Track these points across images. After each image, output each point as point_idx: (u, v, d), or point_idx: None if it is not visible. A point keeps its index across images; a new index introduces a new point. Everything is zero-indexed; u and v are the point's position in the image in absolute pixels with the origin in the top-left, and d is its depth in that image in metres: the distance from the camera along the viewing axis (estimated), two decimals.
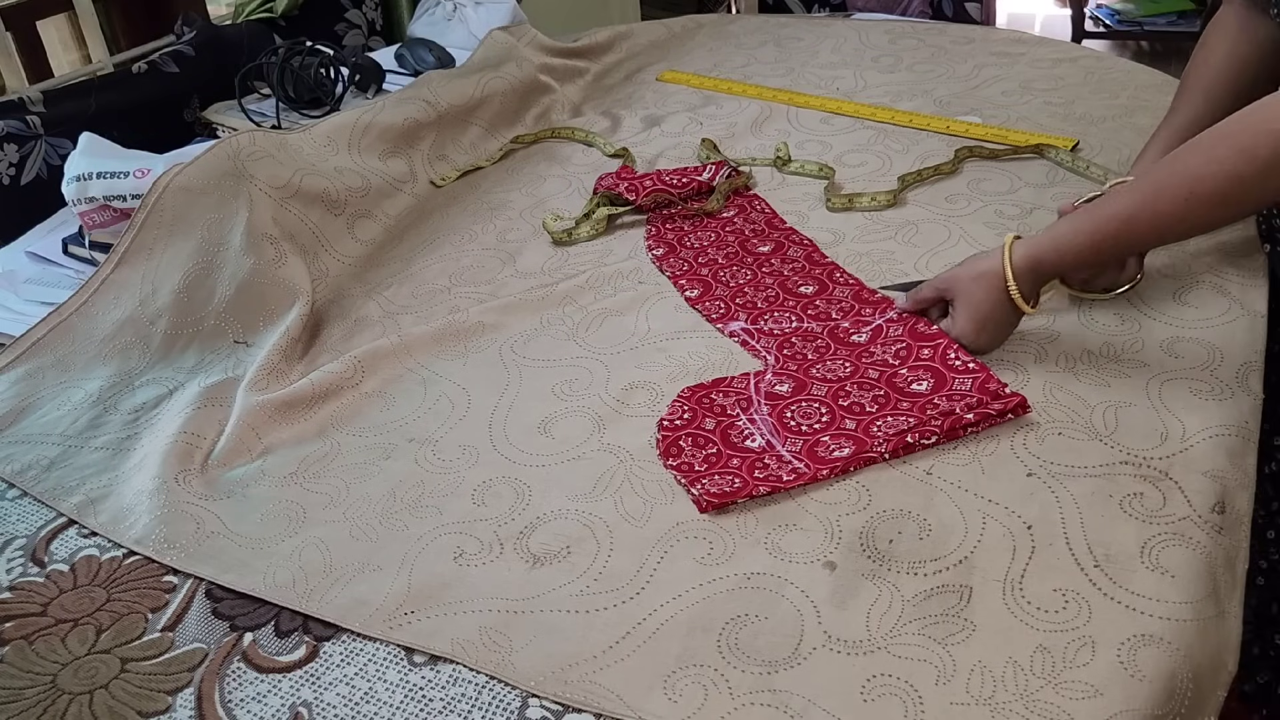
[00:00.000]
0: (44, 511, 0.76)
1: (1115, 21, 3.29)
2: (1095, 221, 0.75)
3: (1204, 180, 0.69)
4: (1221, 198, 0.70)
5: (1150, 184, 0.73)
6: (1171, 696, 0.56)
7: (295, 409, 0.83)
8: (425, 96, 1.27)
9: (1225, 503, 0.67)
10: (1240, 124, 0.69)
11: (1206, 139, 0.71)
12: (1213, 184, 0.69)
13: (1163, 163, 0.73)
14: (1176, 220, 0.72)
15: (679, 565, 0.66)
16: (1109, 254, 0.79)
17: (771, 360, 0.84)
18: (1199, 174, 0.69)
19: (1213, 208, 0.70)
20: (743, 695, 0.57)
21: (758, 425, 0.76)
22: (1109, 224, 0.74)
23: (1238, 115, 0.70)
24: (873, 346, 0.83)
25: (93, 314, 0.95)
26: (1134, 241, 0.77)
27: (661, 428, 0.77)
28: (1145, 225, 0.73)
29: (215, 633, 0.65)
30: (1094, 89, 1.31)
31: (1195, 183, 0.70)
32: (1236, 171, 0.68)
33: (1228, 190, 0.69)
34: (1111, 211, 0.74)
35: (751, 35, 1.65)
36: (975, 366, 0.77)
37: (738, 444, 0.75)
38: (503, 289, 0.99)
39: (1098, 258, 0.78)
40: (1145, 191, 0.73)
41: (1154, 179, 0.73)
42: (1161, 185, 0.72)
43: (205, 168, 1.00)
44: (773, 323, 0.89)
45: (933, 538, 0.66)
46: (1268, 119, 0.67)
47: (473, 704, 0.58)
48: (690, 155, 1.25)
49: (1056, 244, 0.77)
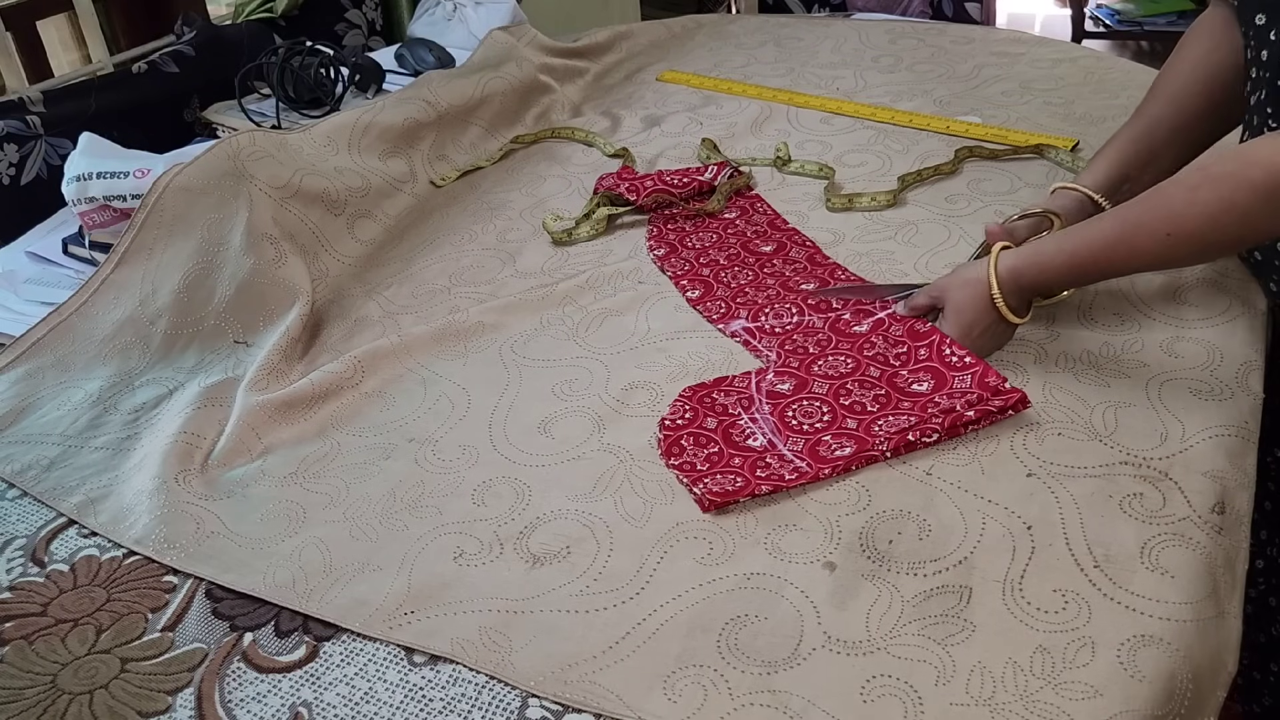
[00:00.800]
0: (44, 511, 0.76)
1: (1115, 21, 3.29)
2: (1076, 245, 0.75)
3: (1184, 221, 0.70)
4: (1200, 240, 0.70)
5: (1133, 216, 0.72)
6: (1171, 697, 0.56)
7: (295, 409, 0.83)
8: (425, 96, 1.27)
9: (1225, 503, 0.67)
10: (1222, 168, 0.69)
11: (1191, 177, 0.70)
12: (1193, 225, 0.69)
13: (1147, 195, 0.73)
14: (1154, 257, 0.73)
15: (679, 565, 0.66)
16: (1088, 278, 0.80)
17: (773, 357, 0.84)
18: (1180, 214, 0.70)
19: (1191, 248, 0.71)
20: (742, 695, 0.57)
21: (759, 424, 0.76)
22: (1088, 249, 0.75)
23: (1223, 155, 0.69)
24: (874, 337, 0.83)
25: (93, 314, 0.95)
26: (1112, 269, 0.77)
27: (663, 427, 0.77)
28: (1123, 256, 0.74)
29: (215, 633, 0.65)
30: (1094, 89, 1.31)
31: (1175, 222, 0.70)
32: (1215, 217, 0.68)
33: (1207, 233, 0.69)
34: (1092, 237, 0.75)
35: (751, 35, 1.65)
36: (972, 361, 0.77)
37: (739, 443, 0.75)
38: (503, 289, 0.99)
39: (1077, 279, 0.79)
40: (1127, 223, 0.73)
41: (1136, 211, 0.72)
42: (1142, 220, 0.72)
43: (205, 168, 1.00)
44: (774, 318, 0.89)
45: (932, 538, 0.66)
46: (1248, 165, 0.67)
47: (473, 704, 0.58)
48: (690, 155, 1.25)
49: (1039, 260, 0.77)
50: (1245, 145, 0.70)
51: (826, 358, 0.82)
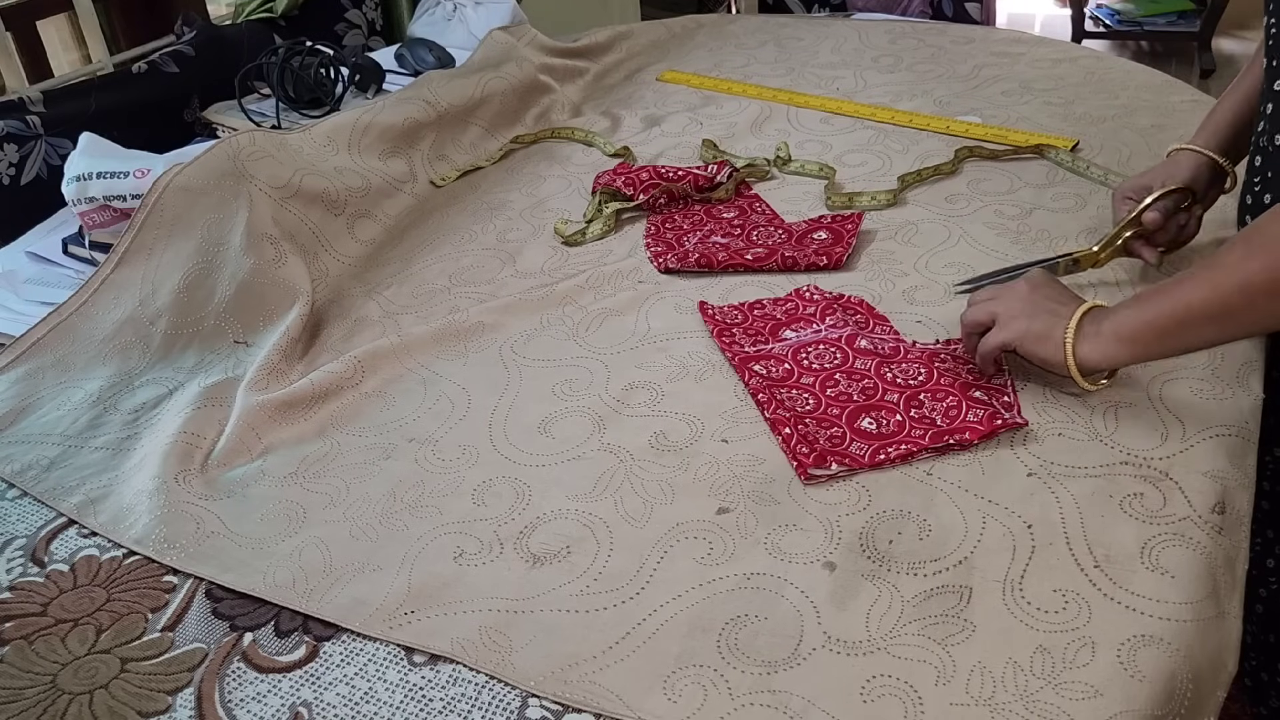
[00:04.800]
0: (44, 511, 0.76)
1: (1115, 21, 3.29)
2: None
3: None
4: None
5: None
6: (1171, 697, 0.56)
7: (295, 409, 0.83)
8: (425, 96, 1.27)
9: (1225, 503, 0.67)
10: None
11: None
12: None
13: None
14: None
15: (679, 565, 0.66)
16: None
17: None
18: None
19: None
20: (742, 695, 0.57)
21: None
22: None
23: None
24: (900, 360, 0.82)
25: (93, 314, 0.95)
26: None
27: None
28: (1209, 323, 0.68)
29: (215, 633, 0.65)
30: (1094, 89, 1.31)
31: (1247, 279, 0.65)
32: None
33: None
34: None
35: (751, 35, 1.65)
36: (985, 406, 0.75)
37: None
38: (503, 289, 0.99)
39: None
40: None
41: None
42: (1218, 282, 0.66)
43: (205, 168, 1.00)
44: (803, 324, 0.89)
45: (933, 538, 0.66)
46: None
47: (473, 704, 0.58)
48: (691, 155, 1.25)
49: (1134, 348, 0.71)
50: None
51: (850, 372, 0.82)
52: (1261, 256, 0.64)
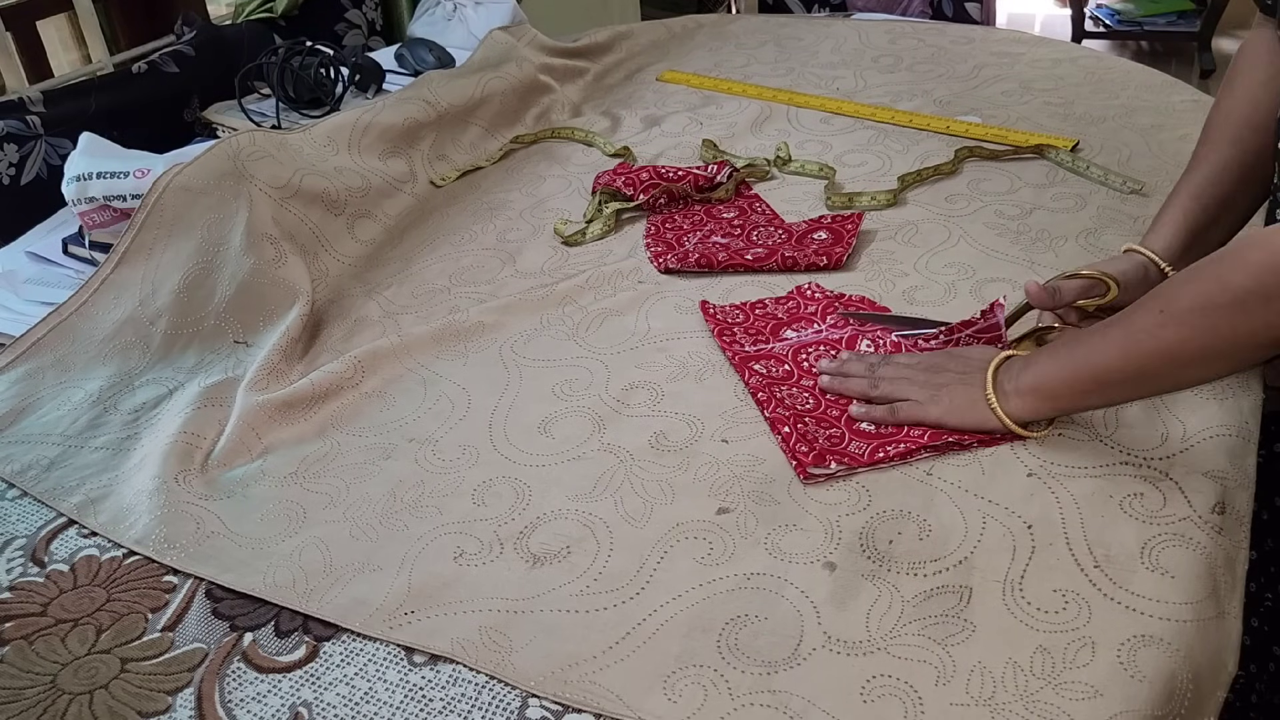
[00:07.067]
0: (44, 511, 0.76)
1: (1115, 21, 3.29)
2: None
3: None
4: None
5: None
6: (1171, 697, 0.56)
7: (295, 409, 0.83)
8: (425, 96, 1.27)
9: (1225, 503, 0.67)
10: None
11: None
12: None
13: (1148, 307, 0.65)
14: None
15: (679, 565, 0.66)
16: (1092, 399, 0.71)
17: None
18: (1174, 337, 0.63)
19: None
20: (742, 695, 0.57)
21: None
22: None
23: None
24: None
25: (93, 314, 0.95)
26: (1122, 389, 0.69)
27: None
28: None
29: (215, 633, 0.65)
30: (1094, 89, 1.31)
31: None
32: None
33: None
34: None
35: (751, 35, 1.65)
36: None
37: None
38: (503, 289, 0.99)
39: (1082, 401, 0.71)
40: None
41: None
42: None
43: (205, 168, 1.00)
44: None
45: (933, 538, 0.66)
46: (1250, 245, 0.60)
47: (473, 704, 0.58)
48: (691, 155, 1.25)
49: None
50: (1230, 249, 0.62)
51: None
52: (1175, 328, 0.62)
